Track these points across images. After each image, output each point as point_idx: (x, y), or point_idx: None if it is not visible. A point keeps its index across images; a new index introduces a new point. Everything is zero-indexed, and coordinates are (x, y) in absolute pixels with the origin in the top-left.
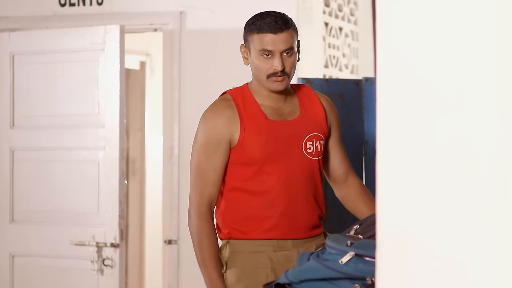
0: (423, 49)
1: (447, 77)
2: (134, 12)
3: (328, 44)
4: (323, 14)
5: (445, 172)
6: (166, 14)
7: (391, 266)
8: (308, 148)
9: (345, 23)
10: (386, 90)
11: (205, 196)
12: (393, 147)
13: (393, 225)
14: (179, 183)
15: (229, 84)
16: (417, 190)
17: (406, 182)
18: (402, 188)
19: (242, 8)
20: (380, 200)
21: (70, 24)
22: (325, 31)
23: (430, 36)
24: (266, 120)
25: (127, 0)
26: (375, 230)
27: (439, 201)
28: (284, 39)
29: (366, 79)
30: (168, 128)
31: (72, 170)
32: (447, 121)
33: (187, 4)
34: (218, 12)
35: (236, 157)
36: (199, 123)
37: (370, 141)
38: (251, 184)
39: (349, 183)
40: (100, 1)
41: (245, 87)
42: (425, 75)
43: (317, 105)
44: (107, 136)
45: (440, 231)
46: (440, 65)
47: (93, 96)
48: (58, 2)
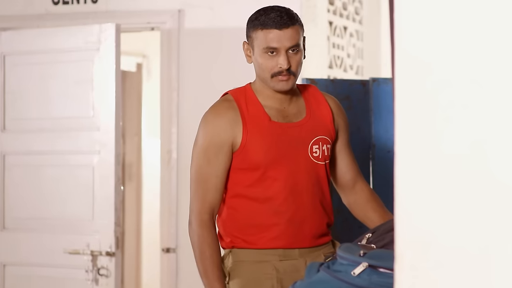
0: (442, 50)
1: (467, 79)
2: (130, 10)
3: (333, 44)
4: (327, 13)
5: (468, 179)
6: (163, 12)
7: (411, 279)
8: (314, 152)
9: (350, 22)
10: (404, 93)
11: (206, 203)
12: (413, 153)
13: (414, 236)
14: (178, 189)
15: (230, 85)
16: (439, 198)
17: (427, 189)
18: (423, 196)
19: (243, 5)
20: (399, 208)
21: (64, 23)
22: (329, 30)
23: (449, 37)
24: (270, 122)
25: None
26: (390, 239)
27: (464, 210)
28: (290, 36)
29: (374, 79)
30: (166, 131)
31: (65, 175)
32: (469, 124)
33: (185, 2)
34: (218, 10)
35: (238, 162)
36: (200, 125)
37: (378, 145)
38: (255, 190)
39: (357, 189)
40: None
41: (247, 87)
42: (445, 77)
43: (324, 106)
44: (102, 140)
45: (465, 241)
46: (460, 67)
47: (87, 98)
48: (51, 0)
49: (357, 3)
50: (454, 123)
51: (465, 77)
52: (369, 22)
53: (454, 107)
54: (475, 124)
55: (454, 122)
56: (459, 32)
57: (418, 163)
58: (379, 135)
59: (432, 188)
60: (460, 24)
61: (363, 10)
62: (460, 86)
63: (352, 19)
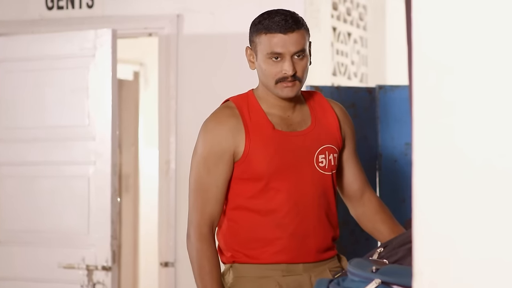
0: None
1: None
2: (127, 16)
3: (336, 50)
4: (331, 18)
5: (492, 192)
6: (161, 17)
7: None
8: (321, 161)
9: (354, 28)
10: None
11: (206, 215)
12: (432, 164)
13: (433, 252)
14: (177, 200)
15: (231, 93)
16: (460, 212)
17: (447, 203)
18: (443, 210)
19: (245, 10)
20: (418, 223)
21: (58, 29)
22: (333, 36)
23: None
24: (274, 130)
25: (120, 2)
26: (404, 253)
27: (486, 224)
28: (295, 40)
29: (380, 87)
30: (164, 141)
31: (60, 187)
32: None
33: (184, 6)
34: (218, 15)
35: (240, 172)
36: (199, 133)
37: (385, 154)
38: (257, 202)
39: (365, 200)
40: (90, 4)
41: (250, 94)
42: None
43: (330, 114)
44: (98, 150)
45: (487, 257)
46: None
47: (83, 106)
48: (45, 5)
49: (361, 8)
50: (477, 131)
51: (486, 81)
52: (374, 28)
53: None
54: (499, 131)
55: (476, 129)
56: (480, 36)
57: (438, 174)
58: (386, 144)
59: (453, 201)
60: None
61: (367, 16)
62: (482, 91)
63: (356, 25)
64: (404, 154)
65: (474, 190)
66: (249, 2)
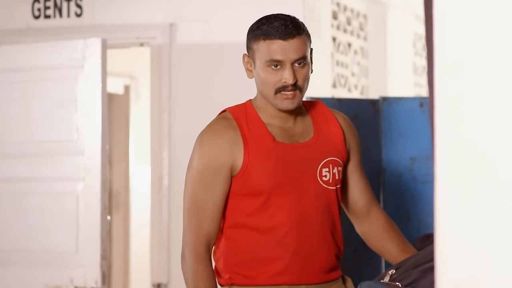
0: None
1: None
2: (117, 25)
3: (336, 61)
4: (331, 28)
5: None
6: (154, 26)
7: None
8: (324, 175)
9: (354, 39)
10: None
11: (202, 234)
12: (456, 184)
13: (458, 276)
14: (169, 218)
15: (228, 105)
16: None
17: (472, 223)
18: (468, 231)
19: (241, 18)
20: (441, 244)
21: (45, 38)
22: (333, 46)
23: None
24: (274, 142)
25: (110, 11)
26: (418, 275)
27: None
28: (296, 47)
29: (384, 98)
30: (156, 156)
31: (47, 204)
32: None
33: (178, 15)
34: (213, 24)
35: (239, 187)
36: (194, 146)
37: (389, 169)
38: (257, 219)
39: (372, 216)
40: (79, 13)
41: (248, 104)
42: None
43: (333, 124)
44: (87, 165)
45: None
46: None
47: (71, 120)
48: (31, 14)
49: (361, 18)
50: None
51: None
52: (375, 39)
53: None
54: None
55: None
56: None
57: (462, 195)
58: (390, 159)
59: (479, 223)
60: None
61: (368, 26)
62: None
63: (356, 35)
64: (409, 169)
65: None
66: (246, 9)
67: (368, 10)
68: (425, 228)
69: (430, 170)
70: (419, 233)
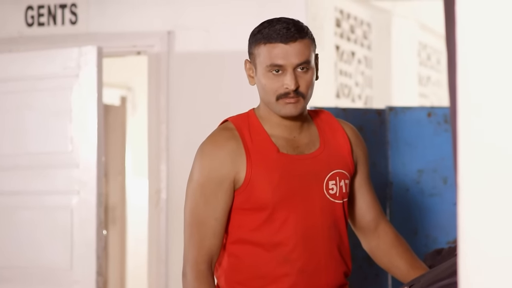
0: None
1: None
2: (113, 33)
3: (340, 71)
4: (334, 36)
5: None
6: (151, 34)
7: None
8: (331, 188)
9: (358, 47)
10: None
11: (204, 250)
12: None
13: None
14: (168, 233)
15: (227, 115)
16: None
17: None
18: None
19: (241, 26)
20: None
21: (39, 47)
22: (336, 55)
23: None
24: (279, 153)
25: (106, 18)
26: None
27: None
28: (298, 51)
29: (390, 108)
30: (154, 169)
31: (40, 219)
32: None
33: (176, 23)
34: (213, 31)
35: (241, 201)
36: (195, 159)
37: (396, 182)
38: (261, 234)
39: (380, 232)
40: (73, 20)
41: (251, 114)
42: None
43: (340, 135)
44: (82, 178)
45: None
46: None
47: (65, 131)
48: (24, 21)
49: (365, 26)
50: None
51: None
52: (378, 48)
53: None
54: None
55: None
56: None
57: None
58: (397, 172)
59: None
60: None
61: (371, 34)
62: None
63: (360, 44)
64: (417, 182)
65: None
66: (247, 16)
67: (372, 18)
68: (433, 243)
69: (438, 183)
70: (427, 249)
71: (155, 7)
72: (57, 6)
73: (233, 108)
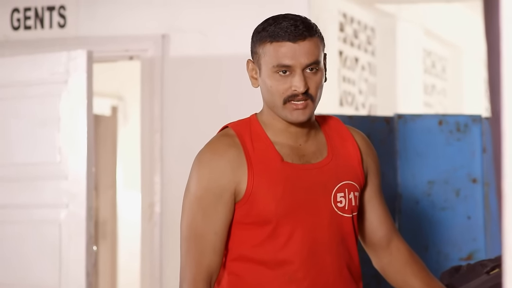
0: None
1: None
2: (104, 36)
3: (343, 77)
4: (338, 41)
5: None
6: (144, 38)
7: None
8: (339, 201)
9: (362, 53)
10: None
11: (202, 268)
12: None
13: None
14: (162, 249)
15: (225, 123)
16: None
17: None
18: None
19: (240, 29)
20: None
21: (25, 51)
22: (340, 61)
23: None
24: (283, 163)
25: (96, 21)
26: None
27: None
28: (307, 50)
29: (399, 116)
30: (147, 180)
31: (27, 233)
32: None
33: (171, 25)
34: (210, 35)
35: (242, 215)
36: (192, 168)
37: (405, 195)
38: (264, 251)
39: (393, 248)
40: (62, 23)
41: (253, 119)
42: None
43: (350, 143)
44: (71, 190)
45: None
46: None
47: (53, 140)
48: (10, 24)
49: (369, 31)
50: None
51: None
52: (383, 54)
53: None
54: None
55: None
56: None
57: None
58: (407, 183)
59: None
60: None
61: (375, 40)
62: None
63: (364, 49)
64: (427, 194)
65: None
66: (245, 19)
67: (376, 23)
68: (444, 260)
69: (450, 196)
70: (439, 266)
71: (149, 9)
72: (45, 9)
73: (231, 116)
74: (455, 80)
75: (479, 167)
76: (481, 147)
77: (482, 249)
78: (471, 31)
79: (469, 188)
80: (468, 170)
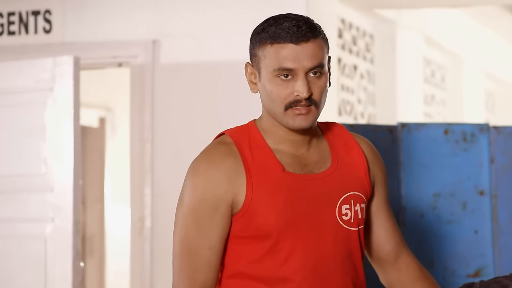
0: None
1: None
2: (92, 42)
3: (341, 86)
4: (336, 47)
5: None
6: (134, 43)
7: None
8: (344, 213)
9: (360, 61)
10: None
11: (196, 285)
12: None
13: None
14: (153, 265)
15: (218, 132)
16: None
17: None
18: None
19: (235, 34)
20: None
21: (9, 57)
22: (338, 68)
23: None
24: (284, 172)
25: (83, 27)
26: None
27: None
28: (310, 52)
29: (403, 125)
30: (137, 193)
31: (12, 248)
32: None
33: (161, 30)
34: (203, 40)
35: (240, 228)
36: (186, 178)
37: (409, 207)
38: (263, 267)
39: (401, 264)
40: (47, 28)
41: (251, 126)
42: None
43: (355, 151)
44: (57, 203)
45: None
46: None
47: (38, 151)
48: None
49: (368, 38)
50: None
51: None
52: (382, 62)
53: None
54: None
55: None
56: None
57: None
58: (411, 195)
59: None
60: None
61: (374, 47)
62: None
63: (362, 57)
64: (432, 207)
65: None
66: (240, 24)
67: (375, 29)
68: (451, 276)
69: (456, 208)
70: (445, 282)
71: (138, 13)
72: (29, 13)
73: (225, 125)
74: (455, 90)
75: (487, 179)
76: (489, 157)
77: (490, 265)
78: (472, 39)
79: (476, 200)
80: (475, 182)
